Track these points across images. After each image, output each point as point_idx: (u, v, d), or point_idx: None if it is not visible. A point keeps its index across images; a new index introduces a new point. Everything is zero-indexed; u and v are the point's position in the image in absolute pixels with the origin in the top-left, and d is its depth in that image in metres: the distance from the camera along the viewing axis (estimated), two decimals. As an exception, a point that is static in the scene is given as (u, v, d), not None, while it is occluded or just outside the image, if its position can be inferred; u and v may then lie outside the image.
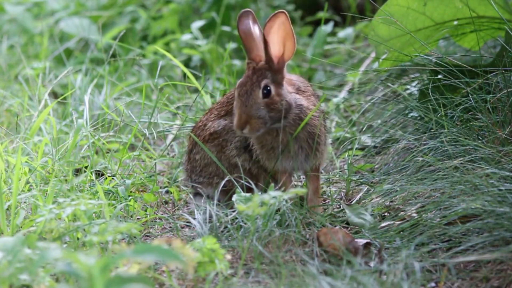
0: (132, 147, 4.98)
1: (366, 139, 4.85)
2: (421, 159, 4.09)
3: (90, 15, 6.99)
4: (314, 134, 3.95)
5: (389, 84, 4.81)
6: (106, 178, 4.35)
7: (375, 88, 5.06)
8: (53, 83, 5.32)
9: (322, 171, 4.60)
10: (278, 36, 3.87)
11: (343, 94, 5.60)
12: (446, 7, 4.50)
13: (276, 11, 3.85)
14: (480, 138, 4.12)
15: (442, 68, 4.40)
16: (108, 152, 4.80)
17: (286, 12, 3.86)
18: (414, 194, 3.98)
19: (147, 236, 4.02)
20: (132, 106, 5.40)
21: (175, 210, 4.30)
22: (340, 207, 4.13)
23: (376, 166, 4.55)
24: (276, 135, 3.92)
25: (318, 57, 5.97)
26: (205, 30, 6.48)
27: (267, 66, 3.89)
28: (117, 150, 4.88)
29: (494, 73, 4.28)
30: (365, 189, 4.27)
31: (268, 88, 3.87)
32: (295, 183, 4.34)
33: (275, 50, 3.89)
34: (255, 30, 3.92)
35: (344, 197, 4.27)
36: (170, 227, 4.09)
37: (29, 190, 4.11)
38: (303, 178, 4.30)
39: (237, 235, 3.68)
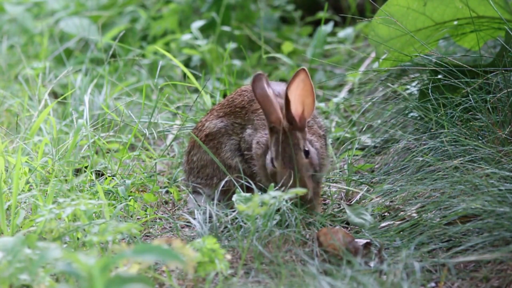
0: (132, 147, 4.98)
1: (366, 139, 4.85)
2: (421, 159, 4.09)
3: (90, 15, 6.99)
4: (322, 166, 3.94)
5: (389, 84, 4.81)
6: (106, 178, 4.36)
7: (375, 88, 5.06)
8: (53, 83, 5.32)
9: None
10: (296, 94, 3.83)
11: (343, 94, 5.60)
12: (446, 7, 4.50)
13: (298, 70, 3.80)
14: (480, 138, 4.12)
15: (442, 68, 4.40)
16: (108, 152, 4.80)
17: (306, 69, 3.81)
18: (414, 194, 3.98)
19: (147, 236, 4.02)
20: (132, 106, 5.40)
21: (175, 210, 4.30)
22: (340, 207, 4.13)
23: (376, 166, 4.55)
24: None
25: (318, 57, 5.97)
26: (205, 30, 6.48)
27: (293, 127, 3.84)
28: (117, 150, 4.88)
29: (494, 73, 4.28)
30: (365, 189, 4.27)
31: (306, 148, 3.85)
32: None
33: (295, 109, 3.84)
34: (270, 92, 3.86)
35: (344, 197, 4.27)
36: (170, 227, 4.09)
37: (29, 190, 4.11)
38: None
39: (237, 235, 3.68)
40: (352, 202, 4.18)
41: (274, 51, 6.36)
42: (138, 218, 4.16)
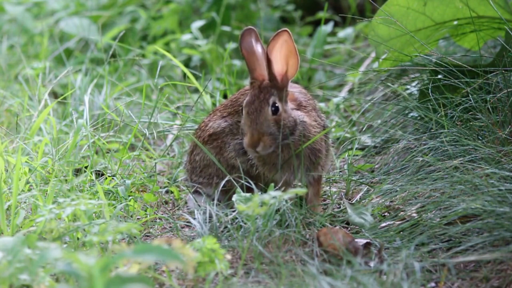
0: (132, 147, 4.98)
1: (366, 139, 4.85)
2: (421, 159, 4.09)
3: (90, 15, 6.98)
4: (315, 150, 3.96)
5: (389, 84, 4.81)
6: (106, 178, 4.35)
7: (375, 88, 5.06)
8: (53, 83, 5.32)
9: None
10: (281, 54, 3.88)
11: (343, 94, 5.60)
12: (446, 7, 4.50)
13: (280, 30, 3.86)
14: (480, 138, 4.12)
15: (442, 68, 4.40)
16: (108, 152, 4.80)
17: (289, 31, 3.86)
18: (414, 194, 3.98)
19: (147, 236, 4.02)
20: (132, 106, 5.40)
21: (175, 210, 4.30)
22: (340, 207, 4.13)
23: (376, 166, 4.55)
24: (279, 152, 3.92)
25: (318, 57, 5.97)
26: (205, 30, 6.48)
27: (272, 84, 3.89)
28: (117, 150, 4.88)
29: (494, 73, 4.28)
30: (365, 189, 4.27)
31: (276, 105, 3.87)
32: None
33: (279, 68, 3.89)
34: (258, 48, 3.92)
35: (344, 197, 4.27)
36: (170, 227, 4.09)
37: (29, 190, 4.11)
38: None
39: (237, 235, 3.68)
40: (352, 202, 4.18)
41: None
42: (138, 218, 4.16)
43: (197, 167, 4.13)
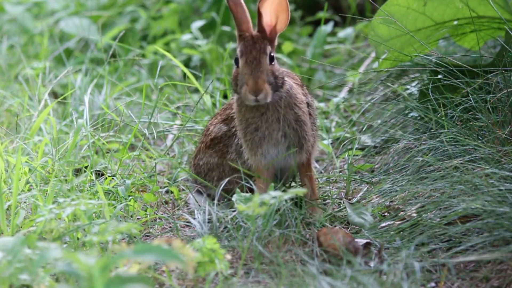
0: (132, 147, 4.98)
1: (366, 139, 4.85)
2: (421, 159, 4.09)
3: (90, 15, 6.98)
4: (300, 120, 3.94)
5: (389, 84, 4.81)
6: (106, 178, 4.35)
7: (375, 88, 5.06)
8: (53, 83, 5.32)
9: (322, 171, 4.60)
10: (272, 8, 3.90)
11: (343, 94, 5.59)
12: (446, 7, 4.50)
13: None
14: (480, 138, 4.12)
15: (442, 68, 4.40)
16: (108, 152, 4.80)
17: None
18: (414, 194, 3.98)
19: (147, 236, 4.02)
20: (132, 106, 5.40)
21: (175, 210, 4.30)
22: (340, 206, 4.13)
23: (376, 166, 4.55)
24: (263, 113, 3.91)
25: (318, 57, 5.97)
26: (205, 30, 6.48)
27: (263, 35, 3.91)
28: (117, 150, 4.88)
29: (494, 73, 4.28)
30: (365, 189, 4.27)
31: (272, 54, 3.90)
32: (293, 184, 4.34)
33: (268, 20, 3.91)
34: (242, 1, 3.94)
35: (344, 197, 4.27)
36: (170, 227, 4.09)
37: (29, 190, 4.11)
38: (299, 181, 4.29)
39: (237, 235, 3.68)
40: (353, 202, 4.17)
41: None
42: (138, 218, 4.16)
43: (202, 172, 4.14)
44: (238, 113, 3.97)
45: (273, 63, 3.88)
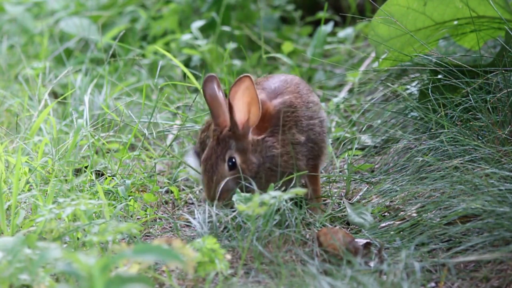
0: (132, 147, 4.98)
1: (366, 139, 4.85)
2: (421, 159, 4.09)
3: (90, 15, 6.98)
4: (288, 174, 3.92)
5: (389, 84, 4.81)
6: (106, 178, 4.36)
7: (375, 88, 5.06)
8: (53, 83, 5.32)
9: (322, 171, 4.61)
10: (243, 102, 3.82)
11: (343, 94, 5.60)
12: (446, 7, 4.50)
13: (241, 76, 3.80)
14: (480, 138, 4.12)
15: (442, 68, 4.40)
16: (108, 152, 4.80)
17: (251, 76, 3.80)
18: (414, 194, 3.98)
19: (147, 236, 4.02)
20: (132, 106, 5.40)
21: (175, 210, 4.30)
22: (340, 206, 4.13)
23: (376, 166, 4.55)
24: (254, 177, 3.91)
25: (318, 57, 5.97)
26: (205, 30, 6.48)
27: (231, 134, 3.85)
28: (117, 150, 4.88)
29: (494, 73, 4.28)
30: (365, 188, 4.27)
31: (233, 160, 3.84)
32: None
33: (241, 116, 3.84)
34: (220, 95, 3.87)
35: (344, 197, 4.27)
36: (170, 227, 4.09)
37: (29, 190, 4.11)
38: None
39: (237, 235, 3.68)
40: (353, 202, 4.18)
41: (274, 51, 6.36)
42: (138, 218, 4.16)
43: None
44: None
45: (236, 167, 3.83)
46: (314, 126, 4.04)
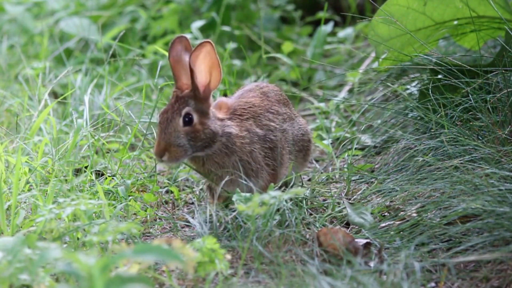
0: (132, 147, 4.98)
1: (366, 139, 4.85)
2: (421, 159, 4.09)
3: (90, 15, 6.98)
4: (244, 161, 3.92)
5: (389, 84, 4.81)
6: (106, 178, 4.36)
7: (375, 88, 5.06)
8: (53, 83, 5.32)
9: (322, 171, 4.60)
10: (204, 65, 3.84)
11: (343, 94, 5.59)
12: (446, 7, 4.50)
13: (202, 41, 3.83)
14: (480, 138, 4.12)
15: (442, 68, 4.40)
16: (108, 152, 4.80)
17: (212, 42, 3.82)
18: (414, 194, 3.98)
19: (147, 236, 4.02)
20: (132, 106, 5.40)
21: (175, 210, 4.30)
22: (340, 206, 4.13)
23: (376, 166, 4.55)
24: (203, 163, 3.91)
25: (318, 57, 5.97)
26: (205, 30, 6.48)
27: (192, 94, 3.85)
28: (117, 150, 4.88)
29: (494, 73, 4.28)
30: (365, 188, 4.27)
31: (190, 116, 3.84)
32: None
33: (202, 78, 3.85)
34: (185, 58, 3.88)
35: (344, 197, 4.27)
36: (170, 227, 4.09)
37: (29, 190, 4.11)
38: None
39: (237, 235, 3.68)
40: (353, 202, 4.17)
41: (274, 51, 6.36)
42: (138, 218, 4.16)
43: None
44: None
45: (192, 124, 3.83)
46: (275, 130, 4.04)
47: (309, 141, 4.21)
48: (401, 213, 3.91)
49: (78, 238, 3.66)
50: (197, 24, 6.39)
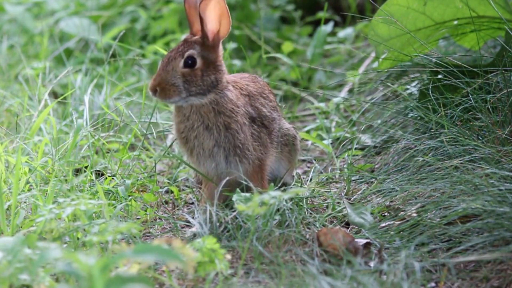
0: (132, 147, 4.98)
1: (366, 139, 4.85)
2: (421, 159, 4.09)
3: (90, 15, 6.98)
4: (232, 130, 3.93)
5: (389, 84, 4.81)
6: (106, 178, 4.36)
7: (375, 88, 5.06)
8: (53, 83, 5.32)
9: (322, 171, 4.61)
10: (214, 14, 3.90)
11: (343, 94, 5.59)
12: (446, 7, 4.50)
13: None
14: (480, 138, 4.12)
15: (442, 68, 4.40)
16: (108, 152, 4.80)
17: None
18: (414, 194, 3.98)
19: (147, 236, 4.02)
20: (132, 106, 5.41)
21: (175, 210, 4.30)
22: (340, 206, 4.13)
23: (376, 166, 4.55)
24: (188, 117, 3.92)
25: (318, 57, 5.97)
26: (205, 30, 6.47)
27: (200, 41, 3.92)
28: (117, 150, 4.88)
29: (494, 73, 4.28)
30: (365, 188, 4.27)
31: (193, 59, 3.89)
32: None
33: (212, 26, 3.92)
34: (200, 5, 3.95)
35: (344, 197, 4.27)
36: (170, 227, 4.09)
37: (29, 190, 4.11)
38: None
39: (237, 235, 3.68)
40: (353, 202, 4.18)
41: (274, 51, 6.36)
42: (138, 218, 4.16)
43: None
44: (173, 117, 4.02)
45: (194, 67, 3.87)
46: (265, 118, 4.06)
47: (295, 137, 4.22)
48: (401, 213, 3.91)
49: (78, 238, 3.66)
50: (197, 24, 6.38)
